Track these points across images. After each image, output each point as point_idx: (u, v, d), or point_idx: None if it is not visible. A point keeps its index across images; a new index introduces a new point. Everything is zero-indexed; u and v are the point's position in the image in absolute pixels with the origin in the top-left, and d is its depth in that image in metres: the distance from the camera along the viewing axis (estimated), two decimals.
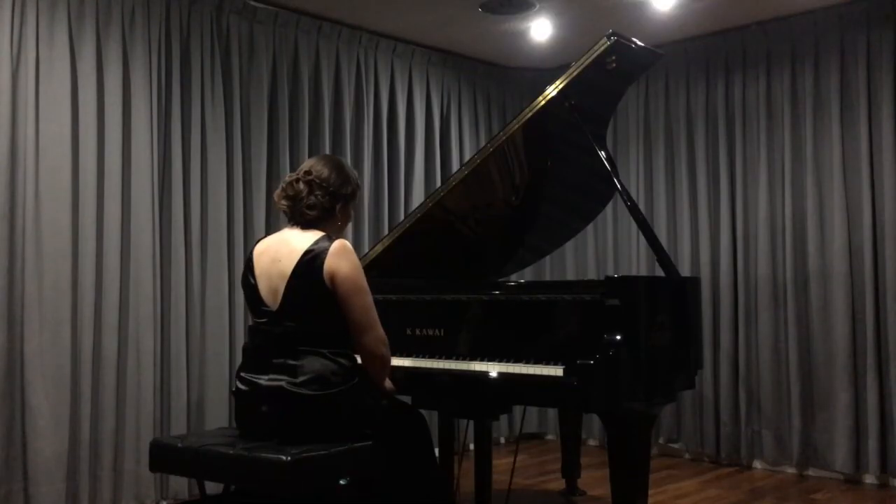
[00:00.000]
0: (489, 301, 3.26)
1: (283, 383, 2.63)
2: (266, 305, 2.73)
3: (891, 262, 4.49)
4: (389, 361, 2.80)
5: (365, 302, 2.69)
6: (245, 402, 2.75)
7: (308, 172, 2.78)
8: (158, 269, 4.15)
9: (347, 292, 2.66)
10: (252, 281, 2.77)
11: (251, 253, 2.83)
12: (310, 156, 4.78)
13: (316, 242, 2.68)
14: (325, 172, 2.78)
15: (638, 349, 2.85)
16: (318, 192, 2.75)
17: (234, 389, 2.81)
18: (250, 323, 2.83)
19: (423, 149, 5.38)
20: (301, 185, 2.76)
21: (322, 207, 2.76)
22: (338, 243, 2.68)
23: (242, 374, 2.75)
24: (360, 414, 2.71)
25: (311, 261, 2.65)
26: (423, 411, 2.97)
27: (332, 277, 2.64)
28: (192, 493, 4.17)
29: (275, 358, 2.68)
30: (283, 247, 2.74)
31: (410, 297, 3.45)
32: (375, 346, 2.72)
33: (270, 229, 4.61)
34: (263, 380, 2.67)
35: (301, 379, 2.63)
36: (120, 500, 3.99)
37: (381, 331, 2.73)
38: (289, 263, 2.68)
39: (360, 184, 2.91)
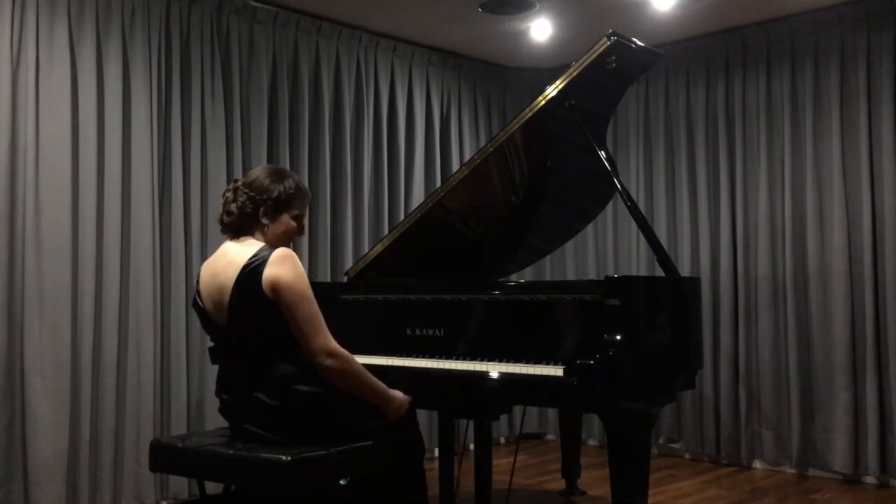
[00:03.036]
0: (489, 301, 3.26)
1: (261, 397, 2.59)
2: (216, 324, 2.68)
3: (890, 261, 4.49)
4: (346, 371, 2.59)
5: (309, 310, 2.56)
6: (231, 418, 2.74)
7: (237, 180, 2.77)
8: (158, 269, 4.15)
9: (290, 301, 2.54)
10: (200, 304, 2.71)
11: (198, 275, 2.77)
12: (310, 156, 4.80)
13: (257, 253, 2.59)
14: (252, 177, 2.74)
15: (638, 349, 2.85)
16: (241, 198, 2.69)
17: (218, 408, 2.78)
18: (209, 345, 2.82)
19: (423, 149, 5.38)
20: (229, 193, 2.73)
21: (241, 212, 2.68)
22: (279, 251, 2.58)
23: (222, 396, 2.73)
24: (349, 415, 2.66)
25: (252, 271, 2.56)
26: (423, 411, 2.96)
27: (274, 286, 2.54)
28: (192, 493, 4.17)
29: (241, 375, 2.64)
30: (221, 260, 2.68)
31: (410, 297, 3.45)
32: (319, 355, 2.55)
33: None
34: (241, 399, 2.65)
35: (274, 388, 2.59)
36: (120, 500, 3.99)
37: (327, 339, 2.57)
38: (228, 276, 2.60)
39: (297, 194, 2.75)
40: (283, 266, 2.56)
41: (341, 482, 2.60)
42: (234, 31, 4.48)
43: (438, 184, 5.15)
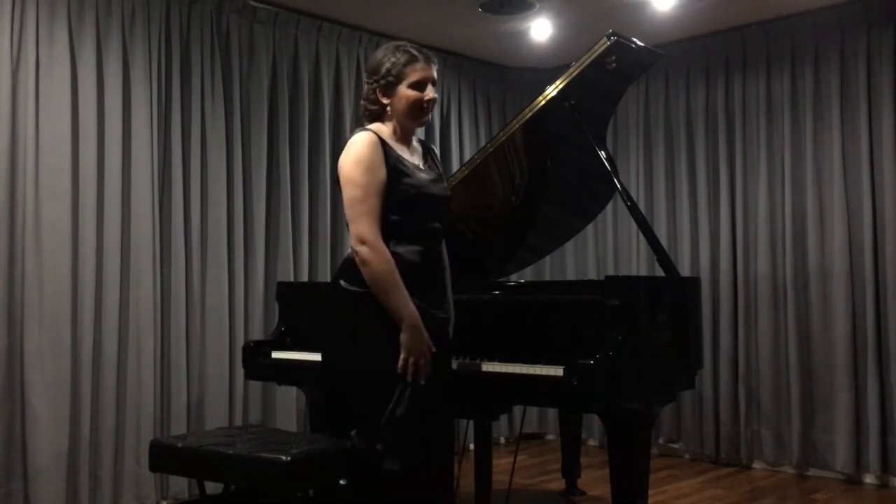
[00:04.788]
0: (489, 301, 3.26)
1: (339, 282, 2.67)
2: None
3: (891, 261, 4.49)
4: (372, 264, 2.50)
5: (350, 194, 2.55)
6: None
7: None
8: (158, 269, 4.15)
9: (341, 183, 2.59)
10: None
11: None
12: (310, 156, 4.79)
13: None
14: (370, 61, 2.70)
15: (638, 349, 2.85)
16: (365, 89, 2.68)
17: None
18: None
19: None
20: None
21: (367, 99, 2.67)
22: (354, 137, 2.59)
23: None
24: (375, 331, 2.56)
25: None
26: None
27: (338, 170, 2.61)
28: (192, 493, 4.17)
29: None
30: None
31: None
32: (354, 241, 2.54)
33: (270, 229, 4.61)
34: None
35: (338, 272, 2.68)
36: (120, 500, 3.99)
37: (361, 226, 2.52)
38: None
39: (408, 62, 2.60)
40: (347, 151, 2.58)
41: (341, 482, 2.60)
42: (234, 31, 4.48)
43: None
